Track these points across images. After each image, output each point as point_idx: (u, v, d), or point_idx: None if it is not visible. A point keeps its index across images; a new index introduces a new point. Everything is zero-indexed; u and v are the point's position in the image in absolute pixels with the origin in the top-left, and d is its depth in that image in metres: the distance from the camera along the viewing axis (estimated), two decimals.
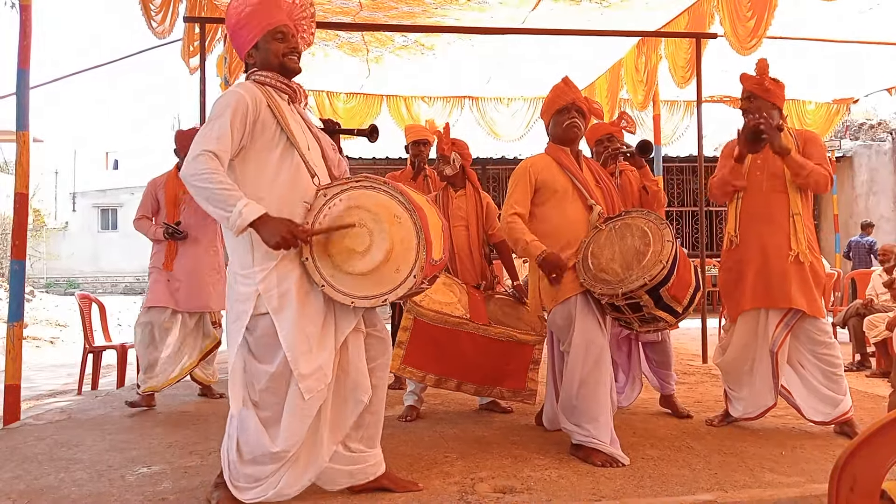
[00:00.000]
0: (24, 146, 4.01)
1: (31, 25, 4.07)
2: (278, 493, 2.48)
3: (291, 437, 2.45)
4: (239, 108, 2.41)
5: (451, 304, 3.74)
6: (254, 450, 2.45)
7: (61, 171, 27.33)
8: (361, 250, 2.41)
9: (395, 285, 2.41)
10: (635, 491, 2.70)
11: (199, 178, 2.33)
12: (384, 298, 2.42)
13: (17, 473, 3.00)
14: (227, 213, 2.31)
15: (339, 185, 2.48)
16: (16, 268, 4.00)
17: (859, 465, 1.26)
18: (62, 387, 5.67)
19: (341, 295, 2.42)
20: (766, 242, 3.50)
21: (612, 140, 4.01)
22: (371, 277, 2.41)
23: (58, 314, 11.44)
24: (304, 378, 2.41)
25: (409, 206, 2.41)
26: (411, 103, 9.37)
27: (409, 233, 2.40)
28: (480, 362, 3.69)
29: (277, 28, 2.55)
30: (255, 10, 2.54)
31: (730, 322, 3.72)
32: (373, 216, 2.42)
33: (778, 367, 3.50)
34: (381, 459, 2.69)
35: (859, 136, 13.48)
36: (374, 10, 6.38)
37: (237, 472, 2.48)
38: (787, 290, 3.43)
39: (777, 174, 3.51)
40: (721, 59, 6.48)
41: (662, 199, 3.97)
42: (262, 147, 2.47)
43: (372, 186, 2.46)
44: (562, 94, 3.40)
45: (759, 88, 3.51)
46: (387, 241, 2.40)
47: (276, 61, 2.56)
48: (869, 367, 5.96)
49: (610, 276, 3.04)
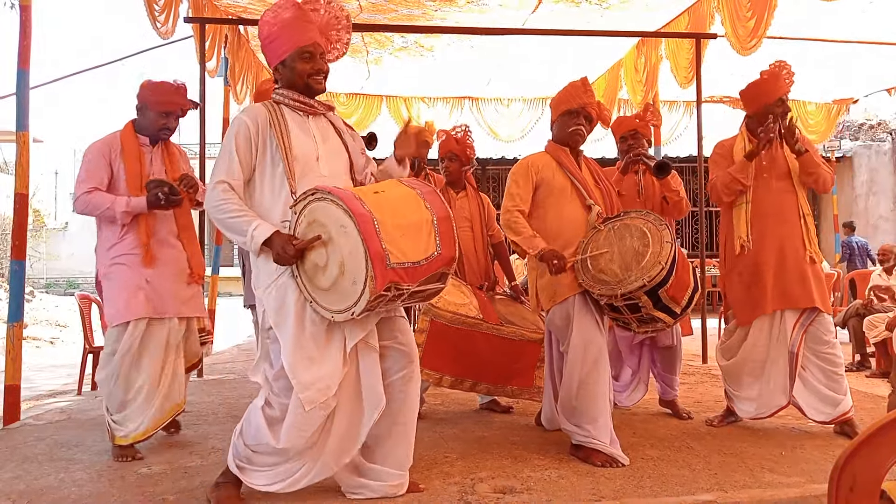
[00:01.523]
0: (23, 146, 4.01)
1: (31, 26, 4.06)
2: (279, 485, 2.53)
3: (292, 440, 2.49)
4: (241, 134, 2.54)
5: (464, 304, 3.76)
6: (256, 440, 2.54)
7: (61, 172, 27.32)
8: (322, 265, 2.38)
9: (356, 298, 2.30)
10: (635, 491, 2.70)
11: (215, 209, 2.51)
12: (351, 312, 2.32)
13: (16, 473, 3.00)
14: (244, 238, 2.47)
15: (301, 202, 2.44)
16: (16, 268, 3.99)
17: (859, 466, 1.26)
18: (62, 387, 5.66)
19: (323, 310, 2.41)
20: (782, 244, 3.49)
21: (636, 137, 3.96)
22: (335, 292, 2.36)
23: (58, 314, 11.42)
24: (303, 389, 2.44)
25: (350, 215, 2.28)
26: (411, 104, 9.38)
27: (354, 242, 2.28)
28: (494, 362, 3.72)
29: (305, 48, 2.58)
30: (286, 27, 2.58)
31: (738, 325, 3.68)
32: (324, 229, 2.37)
33: (796, 367, 3.48)
34: (406, 480, 2.65)
35: (859, 136, 13.48)
36: (373, 13, 6.38)
37: (241, 454, 2.56)
38: (808, 289, 3.44)
39: (784, 175, 3.52)
40: (722, 60, 6.48)
41: (685, 207, 3.88)
42: (268, 166, 2.57)
43: (321, 198, 2.37)
44: (574, 96, 3.34)
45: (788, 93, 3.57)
46: (338, 254, 2.33)
47: (300, 82, 2.61)
48: (869, 367, 5.96)
49: (609, 276, 3.04)
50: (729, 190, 3.59)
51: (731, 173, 3.55)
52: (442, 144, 4.27)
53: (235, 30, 6.78)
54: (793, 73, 3.57)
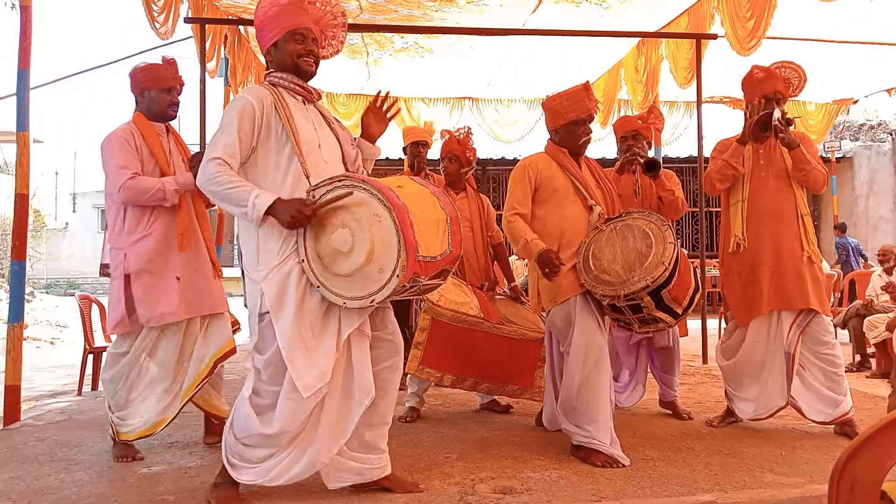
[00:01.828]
0: (24, 147, 4.01)
1: (32, 26, 4.07)
2: (269, 479, 2.53)
3: (284, 424, 2.49)
4: (245, 114, 2.50)
5: (465, 303, 3.76)
6: (245, 430, 2.53)
7: (62, 172, 27.33)
8: (346, 251, 2.41)
9: (380, 285, 2.37)
10: (635, 492, 2.71)
11: (211, 182, 2.45)
12: (371, 299, 2.39)
13: (17, 474, 2.99)
14: (244, 209, 2.42)
15: (324, 186, 2.47)
16: (16, 268, 4.00)
17: (859, 466, 1.26)
18: (62, 387, 5.66)
19: (334, 296, 2.44)
20: (779, 244, 3.48)
21: (636, 138, 3.95)
22: (356, 278, 2.41)
23: (58, 315, 11.42)
24: (300, 376, 2.44)
25: (387, 205, 2.36)
26: (411, 104, 9.38)
27: (388, 232, 2.35)
28: (495, 361, 3.73)
29: (297, 29, 2.60)
30: (281, 10, 2.60)
31: (736, 325, 3.68)
32: (354, 216, 2.41)
33: (793, 368, 3.48)
34: (388, 462, 2.72)
35: (859, 136, 13.48)
36: (373, 13, 6.38)
37: (232, 449, 2.56)
38: (804, 290, 3.43)
39: (781, 174, 3.51)
40: (722, 60, 6.48)
41: (681, 207, 3.81)
42: (270, 148, 2.55)
43: (353, 185, 2.43)
44: (580, 105, 3.27)
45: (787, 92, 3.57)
46: (367, 242, 2.37)
47: (290, 61, 2.61)
48: (869, 367, 5.96)
49: (612, 277, 3.04)
50: (721, 175, 3.57)
51: (724, 158, 3.56)
52: (444, 144, 4.27)
53: (235, 30, 6.79)
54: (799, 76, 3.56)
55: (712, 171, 3.62)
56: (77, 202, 27.43)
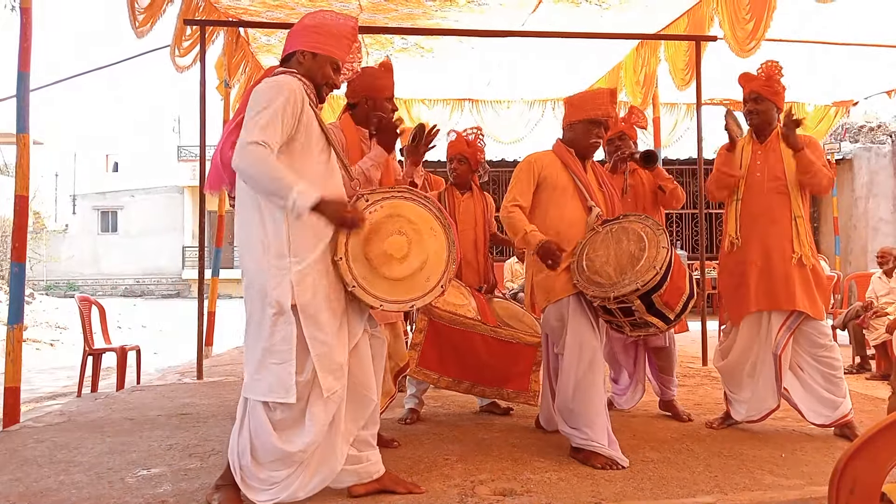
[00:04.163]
0: (24, 149, 4.01)
1: (32, 28, 4.07)
2: (291, 494, 2.50)
3: (316, 435, 2.47)
4: (290, 100, 2.43)
5: (463, 305, 3.76)
6: (270, 454, 2.47)
7: (61, 174, 27.33)
8: (399, 256, 2.57)
9: (424, 292, 2.60)
10: (635, 493, 2.70)
11: (252, 165, 2.35)
12: (412, 304, 2.60)
13: (16, 476, 2.99)
14: (284, 202, 2.34)
15: (381, 193, 2.65)
16: (16, 270, 4.00)
17: (859, 468, 1.26)
18: (62, 389, 5.66)
19: (371, 297, 2.53)
20: (769, 244, 3.49)
21: (623, 139, 3.98)
22: (404, 283, 2.57)
23: (58, 316, 11.43)
24: (325, 376, 2.45)
25: (444, 222, 2.67)
26: (411, 105, 9.39)
27: (441, 246, 2.63)
28: (491, 364, 3.72)
29: (336, 61, 2.68)
30: (340, 38, 2.66)
31: (731, 325, 3.70)
32: (412, 226, 2.62)
33: (781, 370, 3.49)
34: (380, 458, 2.72)
35: (859, 138, 13.48)
36: (374, 13, 6.39)
37: (251, 473, 2.50)
38: (791, 292, 3.42)
39: (778, 175, 3.51)
40: (719, 62, 6.49)
41: (681, 195, 3.87)
42: (306, 143, 2.51)
43: (413, 199, 2.67)
44: (601, 106, 3.29)
45: (769, 90, 3.52)
46: (424, 251, 2.60)
47: (318, 81, 2.65)
48: (869, 369, 5.96)
49: (603, 278, 3.04)
50: (718, 183, 3.62)
51: (716, 167, 3.59)
52: (452, 145, 4.21)
53: (235, 32, 6.78)
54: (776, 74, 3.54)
55: (710, 179, 3.68)
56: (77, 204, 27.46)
